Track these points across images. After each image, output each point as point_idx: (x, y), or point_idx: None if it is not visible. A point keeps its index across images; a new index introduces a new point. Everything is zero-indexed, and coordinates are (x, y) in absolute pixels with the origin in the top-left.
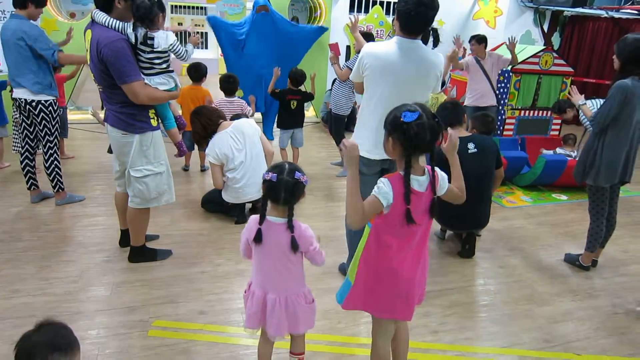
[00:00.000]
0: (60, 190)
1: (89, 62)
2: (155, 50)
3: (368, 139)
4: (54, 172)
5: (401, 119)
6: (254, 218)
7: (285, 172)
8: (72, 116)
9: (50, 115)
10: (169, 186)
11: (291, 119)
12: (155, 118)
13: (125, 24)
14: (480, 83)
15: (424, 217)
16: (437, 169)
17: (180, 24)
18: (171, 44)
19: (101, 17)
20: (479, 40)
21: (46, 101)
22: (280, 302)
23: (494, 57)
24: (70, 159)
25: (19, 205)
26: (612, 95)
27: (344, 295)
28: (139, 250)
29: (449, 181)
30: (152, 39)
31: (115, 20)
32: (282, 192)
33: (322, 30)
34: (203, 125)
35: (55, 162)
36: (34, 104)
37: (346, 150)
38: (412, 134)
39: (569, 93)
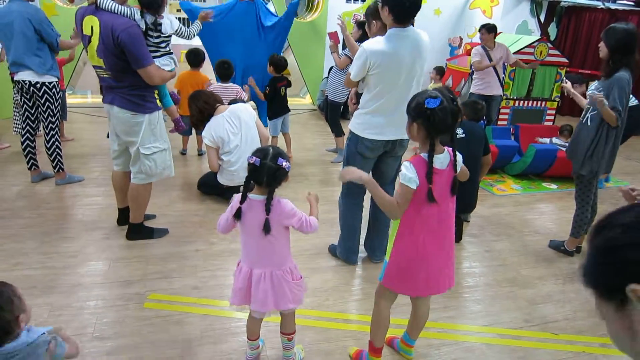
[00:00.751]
0: (60, 171)
1: (86, 47)
2: (162, 35)
3: (380, 124)
4: (55, 153)
5: (425, 106)
6: (237, 196)
7: (268, 157)
8: (70, 99)
9: (53, 97)
10: (170, 161)
11: (281, 106)
12: (158, 98)
13: (133, 9)
14: (487, 72)
15: (445, 195)
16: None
17: (179, 10)
18: (176, 30)
19: (108, 3)
20: (489, 30)
21: (50, 82)
22: (265, 277)
23: (504, 50)
24: (70, 142)
25: (20, 184)
26: (622, 87)
27: (382, 272)
28: (137, 228)
29: None
30: (161, 24)
31: (122, 6)
32: (264, 177)
33: (292, 11)
34: (200, 109)
35: (57, 142)
36: (38, 85)
37: (346, 176)
38: (437, 120)
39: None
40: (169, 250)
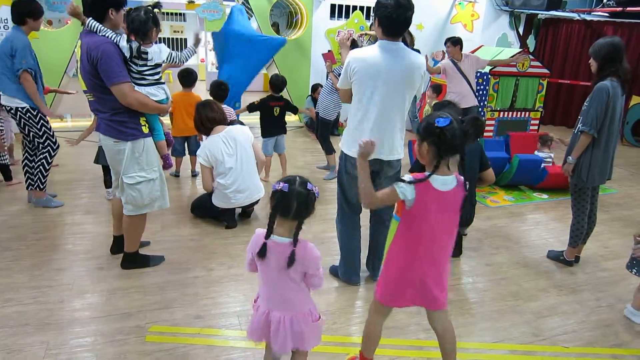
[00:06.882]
0: (38, 189)
1: (79, 72)
2: (148, 63)
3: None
4: (38, 170)
5: (435, 125)
6: (259, 233)
7: (297, 183)
8: (54, 124)
9: (30, 120)
10: (162, 192)
11: (275, 126)
12: (147, 125)
13: (119, 36)
14: (459, 85)
15: (441, 215)
16: None
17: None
18: (166, 58)
19: (94, 25)
20: (454, 43)
21: (23, 108)
22: (284, 322)
23: (472, 59)
24: (54, 167)
25: (4, 215)
26: (596, 97)
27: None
28: (132, 257)
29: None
30: (146, 53)
31: (108, 30)
32: (294, 204)
33: (282, 44)
34: (202, 119)
35: (43, 161)
36: (13, 110)
37: (363, 147)
38: (447, 138)
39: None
40: (167, 279)
